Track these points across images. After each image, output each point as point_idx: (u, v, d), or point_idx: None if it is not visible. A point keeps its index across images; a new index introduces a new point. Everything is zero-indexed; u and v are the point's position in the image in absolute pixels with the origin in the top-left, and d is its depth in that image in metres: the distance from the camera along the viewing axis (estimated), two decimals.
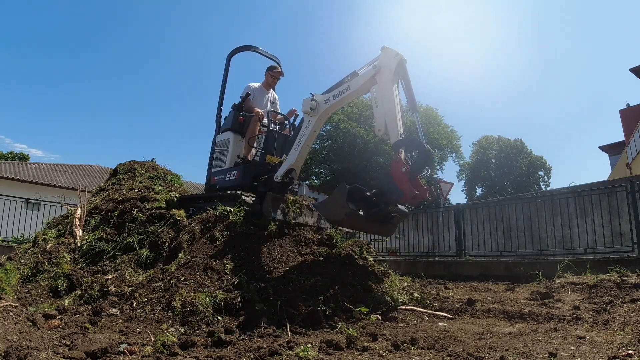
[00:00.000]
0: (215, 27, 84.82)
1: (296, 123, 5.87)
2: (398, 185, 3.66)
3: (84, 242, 4.87)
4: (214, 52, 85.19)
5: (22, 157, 35.28)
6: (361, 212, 3.91)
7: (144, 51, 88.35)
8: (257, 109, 5.65)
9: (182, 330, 3.03)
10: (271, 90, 6.16)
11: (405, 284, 4.43)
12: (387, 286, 4.00)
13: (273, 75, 6.08)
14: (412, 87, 4.09)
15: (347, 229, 4.28)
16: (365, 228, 4.20)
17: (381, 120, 4.06)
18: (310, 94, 4.61)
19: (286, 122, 6.08)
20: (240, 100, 5.88)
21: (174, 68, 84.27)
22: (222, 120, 6.16)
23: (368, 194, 4.08)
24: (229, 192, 5.17)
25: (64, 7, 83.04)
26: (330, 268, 4.16)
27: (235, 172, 5.50)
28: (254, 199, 4.96)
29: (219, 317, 3.20)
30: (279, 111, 6.17)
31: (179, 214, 5.07)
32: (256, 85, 6.08)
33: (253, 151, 5.56)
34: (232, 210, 4.78)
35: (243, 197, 4.88)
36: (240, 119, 5.73)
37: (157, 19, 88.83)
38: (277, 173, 4.85)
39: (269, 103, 6.07)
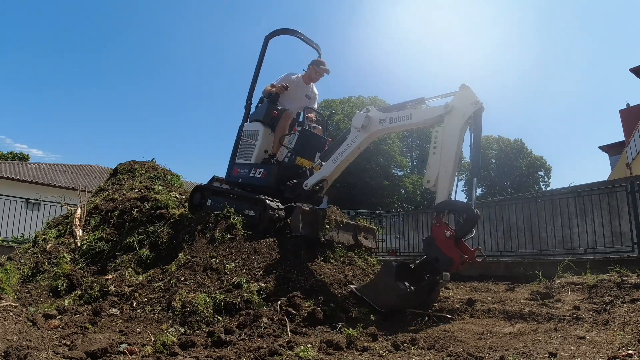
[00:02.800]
0: (216, 27, 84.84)
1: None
2: (445, 253, 3.38)
3: (84, 242, 4.87)
4: (214, 51, 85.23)
5: (22, 157, 35.27)
6: (411, 288, 3.50)
7: (144, 51, 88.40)
8: (287, 109, 5.25)
9: (182, 330, 3.03)
10: (312, 84, 5.71)
11: None
12: None
13: (318, 72, 5.59)
14: (481, 142, 3.61)
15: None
16: (415, 304, 3.61)
17: (435, 170, 3.62)
18: (367, 108, 4.24)
19: (318, 122, 5.56)
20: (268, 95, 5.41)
21: (174, 68, 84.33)
22: (253, 107, 5.68)
23: (412, 266, 3.74)
24: (256, 196, 4.72)
25: (63, 6, 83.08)
26: (330, 268, 4.16)
27: (262, 170, 5.07)
28: (280, 206, 4.56)
29: (219, 317, 3.20)
30: (315, 108, 5.74)
31: (179, 214, 5.07)
32: (294, 76, 5.59)
33: (283, 149, 5.17)
34: (252, 213, 4.56)
35: (267, 201, 4.49)
36: (274, 113, 5.25)
37: (157, 18, 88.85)
38: (307, 181, 4.54)
39: (305, 98, 5.63)
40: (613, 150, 26.60)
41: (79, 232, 5.17)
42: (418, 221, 10.73)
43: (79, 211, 5.59)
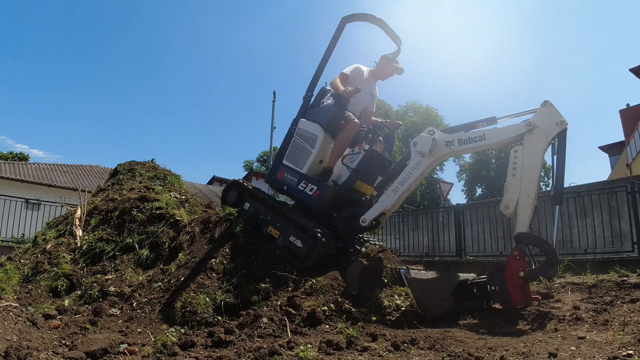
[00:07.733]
0: (215, 26, 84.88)
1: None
2: (508, 289, 3.20)
3: (84, 242, 4.87)
4: (214, 51, 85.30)
5: (22, 157, 35.28)
6: (455, 302, 3.37)
7: (144, 51, 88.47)
8: (353, 118, 4.47)
9: (182, 330, 3.04)
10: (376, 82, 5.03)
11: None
12: (387, 290, 3.99)
13: (389, 70, 4.84)
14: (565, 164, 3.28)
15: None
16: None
17: (514, 195, 3.35)
18: (431, 130, 3.77)
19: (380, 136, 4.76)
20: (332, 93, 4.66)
21: (174, 68, 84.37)
22: (313, 98, 4.92)
23: (469, 282, 3.54)
24: (310, 228, 4.06)
25: (63, 6, 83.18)
26: (330, 268, 4.15)
27: (315, 189, 4.35)
28: (331, 251, 4.04)
29: (219, 317, 3.21)
30: (374, 110, 5.10)
31: (179, 214, 5.06)
32: (365, 70, 4.87)
33: (343, 168, 4.59)
34: (299, 244, 4.02)
35: (319, 235, 3.94)
36: (340, 125, 4.48)
37: (157, 18, 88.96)
38: (365, 216, 4.01)
39: (369, 97, 4.94)
40: (613, 150, 26.61)
41: (79, 232, 5.17)
42: (418, 221, 10.74)
43: (79, 211, 5.58)
